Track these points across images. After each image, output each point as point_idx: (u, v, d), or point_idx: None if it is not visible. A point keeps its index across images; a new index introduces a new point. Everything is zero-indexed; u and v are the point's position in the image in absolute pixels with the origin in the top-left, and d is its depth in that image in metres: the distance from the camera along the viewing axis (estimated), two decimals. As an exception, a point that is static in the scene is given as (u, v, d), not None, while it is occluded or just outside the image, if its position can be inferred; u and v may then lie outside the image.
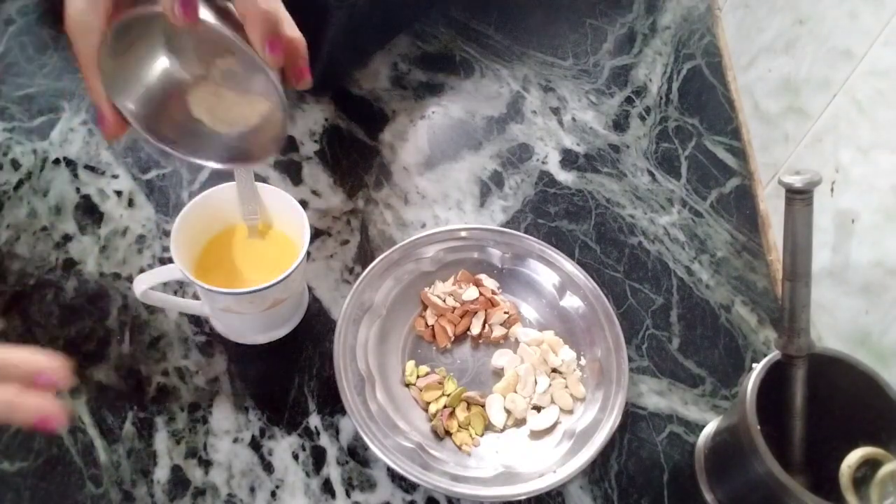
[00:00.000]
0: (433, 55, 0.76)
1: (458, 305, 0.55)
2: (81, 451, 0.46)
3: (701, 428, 0.52)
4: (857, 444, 0.40)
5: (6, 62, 0.68)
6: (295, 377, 0.51)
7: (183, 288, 0.55)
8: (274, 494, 0.46)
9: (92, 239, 0.57)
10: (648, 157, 0.70)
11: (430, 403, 0.51)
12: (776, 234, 0.64)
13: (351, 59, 0.72)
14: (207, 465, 0.47)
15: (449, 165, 0.66)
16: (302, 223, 0.47)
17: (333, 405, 0.50)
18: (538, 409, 0.51)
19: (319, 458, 0.48)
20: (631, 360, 0.54)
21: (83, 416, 0.48)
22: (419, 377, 0.52)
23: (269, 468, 0.47)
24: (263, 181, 0.53)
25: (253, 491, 0.46)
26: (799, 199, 0.44)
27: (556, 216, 0.64)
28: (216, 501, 0.46)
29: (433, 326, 0.54)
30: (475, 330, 0.54)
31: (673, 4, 0.86)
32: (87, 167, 0.61)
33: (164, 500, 0.45)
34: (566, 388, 0.52)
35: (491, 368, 0.54)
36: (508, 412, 0.51)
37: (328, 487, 0.47)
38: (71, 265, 0.55)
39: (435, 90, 0.73)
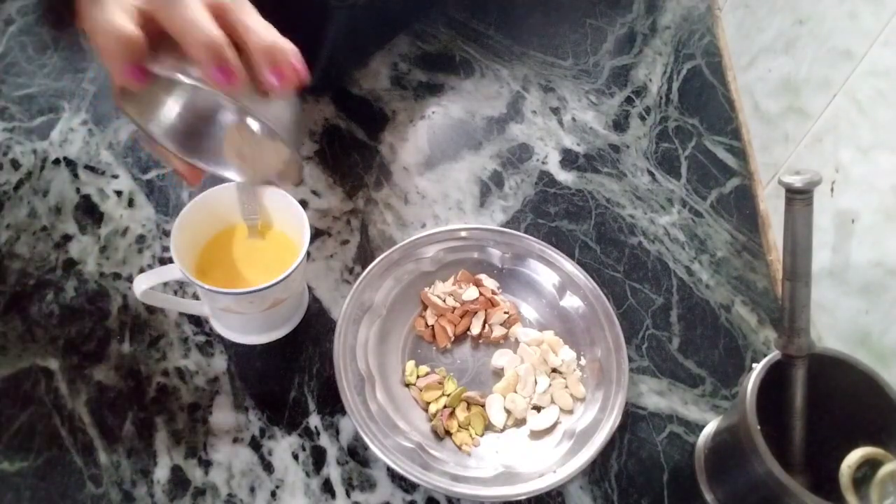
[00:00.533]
0: (433, 55, 0.76)
1: (458, 305, 0.55)
2: (81, 451, 0.46)
3: (701, 428, 0.52)
4: (857, 444, 0.40)
5: (6, 62, 0.68)
6: (295, 377, 0.51)
7: (183, 288, 0.55)
8: (274, 494, 0.46)
9: (92, 239, 0.57)
10: (648, 157, 0.70)
11: (430, 403, 0.51)
12: (776, 234, 0.64)
13: (351, 59, 0.72)
14: (207, 465, 0.47)
15: (449, 165, 0.66)
16: (302, 223, 0.47)
17: (333, 405, 0.50)
18: (538, 409, 0.51)
19: (319, 458, 0.48)
20: (631, 360, 0.54)
21: (83, 416, 0.48)
22: (419, 377, 0.52)
23: (269, 468, 0.47)
24: (263, 181, 0.53)
25: (253, 491, 0.46)
26: (799, 199, 0.44)
27: (556, 216, 0.64)
28: (216, 501, 0.46)
29: (433, 326, 0.54)
30: (475, 330, 0.54)
31: (673, 4, 0.86)
32: (87, 167, 0.61)
33: (164, 500, 0.45)
34: (566, 388, 0.52)
35: (491, 368, 0.54)
36: (508, 412, 0.51)
37: (328, 487, 0.47)
38: (71, 265, 0.55)
39: (435, 90, 0.73)
